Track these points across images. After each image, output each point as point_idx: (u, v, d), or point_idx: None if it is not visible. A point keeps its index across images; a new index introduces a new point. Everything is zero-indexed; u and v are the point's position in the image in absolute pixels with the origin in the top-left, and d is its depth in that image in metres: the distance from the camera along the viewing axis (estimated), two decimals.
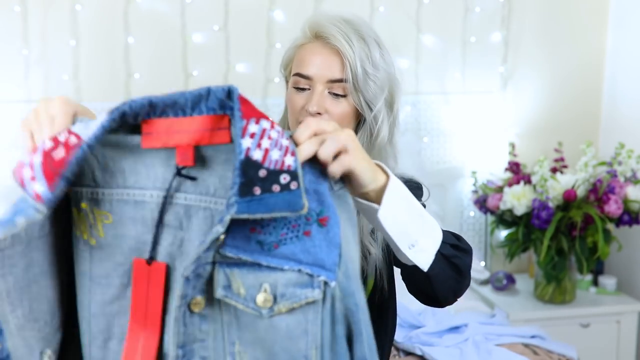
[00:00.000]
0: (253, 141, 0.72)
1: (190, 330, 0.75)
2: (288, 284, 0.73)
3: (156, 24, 2.56)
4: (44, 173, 0.74)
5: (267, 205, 0.71)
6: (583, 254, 2.49)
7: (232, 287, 0.74)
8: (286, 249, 0.73)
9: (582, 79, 2.95)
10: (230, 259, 0.74)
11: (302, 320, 0.74)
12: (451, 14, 2.78)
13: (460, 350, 1.99)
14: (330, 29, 1.16)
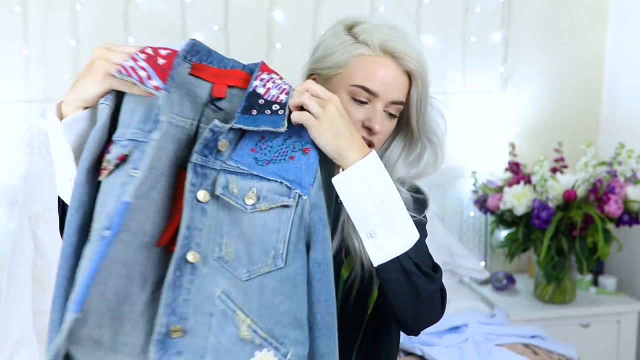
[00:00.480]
0: (260, 83, 1.01)
1: (195, 216, 0.95)
2: (270, 191, 0.97)
3: (156, 24, 2.56)
4: (156, 73, 0.96)
5: (257, 121, 0.98)
6: (583, 254, 2.49)
7: (229, 187, 0.97)
8: (274, 167, 0.98)
9: (582, 79, 2.95)
10: (231, 168, 0.97)
11: (276, 219, 0.97)
12: (451, 14, 2.78)
13: (460, 350, 1.99)
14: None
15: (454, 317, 2.21)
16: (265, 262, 0.96)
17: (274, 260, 0.96)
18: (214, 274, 0.96)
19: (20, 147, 2.46)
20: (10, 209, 2.43)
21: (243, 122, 0.97)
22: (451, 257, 2.67)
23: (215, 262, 0.96)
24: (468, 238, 2.93)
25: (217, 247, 0.96)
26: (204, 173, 0.96)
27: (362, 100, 1.15)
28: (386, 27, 1.17)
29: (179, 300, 0.94)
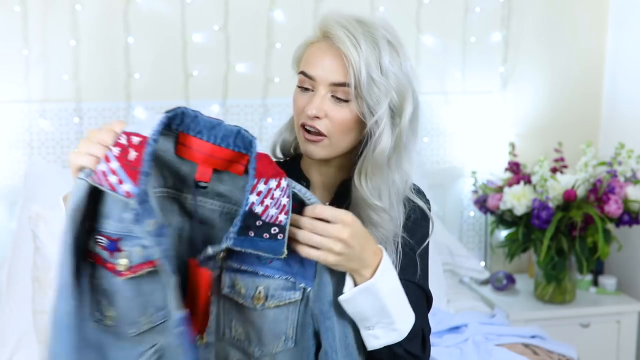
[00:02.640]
0: (258, 198, 0.93)
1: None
2: (277, 288, 0.99)
3: (156, 24, 2.56)
4: (127, 174, 0.89)
5: (255, 245, 0.95)
6: (583, 254, 2.49)
7: (235, 288, 0.98)
8: (277, 264, 0.99)
9: (582, 79, 2.95)
10: (234, 268, 0.98)
11: (285, 312, 1.01)
12: (451, 14, 2.78)
13: (460, 350, 1.99)
14: (337, 29, 1.11)
15: (454, 317, 2.21)
16: (276, 344, 1.01)
17: (284, 343, 1.02)
18: (228, 348, 1.00)
19: (20, 147, 2.46)
20: (10, 209, 2.43)
21: (239, 244, 0.94)
22: (451, 257, 2.67)
23: (228, 340, 1.00)
24: (468, 238, 2.93)
25: (227, 329, 1.00)
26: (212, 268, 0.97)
27: (307, 87, 1.16)
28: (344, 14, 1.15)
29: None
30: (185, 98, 2.61)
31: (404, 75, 1.13)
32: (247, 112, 2.68)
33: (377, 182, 1.14)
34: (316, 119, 1.13)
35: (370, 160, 1.13)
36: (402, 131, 1.13)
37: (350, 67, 1.09)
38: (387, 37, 1.13)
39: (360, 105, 1.11)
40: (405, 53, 1.16)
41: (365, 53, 1.09)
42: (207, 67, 2.62)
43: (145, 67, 2.57)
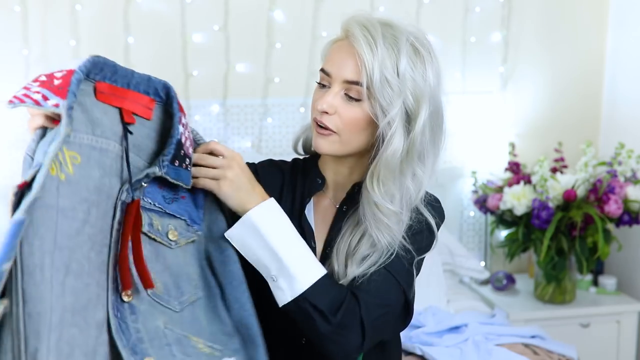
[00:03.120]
0: (183, 129, 1.03)
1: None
2: (181, 227, 1.05)
3: (156, 24, 2.56)
4: (53, 93, 0.89)
5: (178, 175, 1.02)
6: (583, 254, 2.49)
7: (154, 225, 1.01)
8: (176, 205, 1.05)
9: (582, 79, 2.95)
10: (148, 205, 1.01)
11: (190, 252, 1.06)
12: (451, 14, 2.79)
13: (460, 350, 1.99)
14: (355, 29, 1.11)
15: (454, 317, 2.21)
16: (191, 292, 1.04)
17: (195, 290, 1.05)
18: (151, 310, 0.98)
19: (20, 147, 2.45)
20: None
21: (170, 173, 1.01)
22: (451, 257, 2.67)
23: (149, 298, 0.98)
24: (468, 238, 2.93)
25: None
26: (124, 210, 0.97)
27: (323, 83, 1.16)
28: (370, 16, 1.16)
29: (133, 340, 0.92)
30: (185, 98, 2.61)
31: (423, 82, 1.12)
32: (247, 112, 2.68)
33: (390, 187, 1.13)
34: (326, 115, 1.13)
35: (382, 163, 1.12)
36: (416, 137, 1.12)
37: (363, 66, 1.09)
38: (414, 42, 1.12)
39: (373, 105, 1.11)
40: (433, 63, 1.15)
41: (381, 54, 1.09)
42: (207, 67, 2.62)
43: (145, 67, 2.54)
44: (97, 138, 0.94)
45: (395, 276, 1.15)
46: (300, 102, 2.68)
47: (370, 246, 1.15)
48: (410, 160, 1.13)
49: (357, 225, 1.17)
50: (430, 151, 1.16)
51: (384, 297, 1.13)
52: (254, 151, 2.67)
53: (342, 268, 1.16)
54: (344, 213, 1.22)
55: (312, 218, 1.25)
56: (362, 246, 1.15)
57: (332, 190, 1.25)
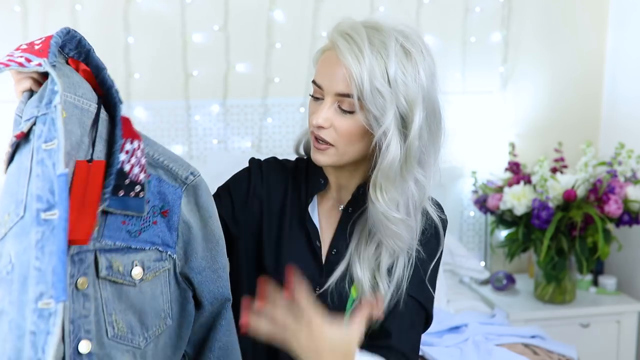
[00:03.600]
0: (127, 156, 0.99)
1: (77, 307, 0.92)
2: (150, 259, 1.01)
3: (156, 24, 2.56)
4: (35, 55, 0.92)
5: (125, 205, 0.98)
6: (583, 254, 2.49)
7: (113, 267, 0.97)
8: (145, 235, 1.01)
9: (582, 79, 2.95)
10: (108, 247, 0.97)
11: (159, 284, 1.03)
12: (451, 14, 2.79)
13: (460, 350, 1.99)
14: (340, 41, 1.09)
15: (454, 317, 2.21)
16: (159, 325, 1.03)
17: (164, 321, 1.04)
18: (113, 353, 0.96)
19: None
20: None
21: (113, 205, 0.97)
22: (451, 257, 2.67)
23: (111, 341, 0.97)
24: (468, 238, 2.93)
25: (109, 326, 0.97)
26: (80, 259, 0.94)
27: (317, 96, 1.14)
28: (359, 22, 1.13)
29: None
30: (185, 98, 2.61)
31: (416, 85, 1.10)
32: (247, 112, 2.68)
33: (393, 194, 1.12)
34: (322, 129, 1.12)
35: (382, 172, 1.11)
36: (413, 141, 1.10)
37: (351, 79, 1.08)
38: (404, 43, 1.10)
39: (367, 116, 1.10)
40: (426, 61, 1.13)
41: (369, 63, 1.07)
42: (207, 67, 2.62)
43: (145, 67, 2.57)
44: (79, 98, 0.95)
45: (418, 299, 1.18)
46: (300, 102, 2.68)
47: (390, 256, 1.16)
48: (410, 166, 1.13)
49: (370, 234, 1.18)
50: (431, 151, 1.16)
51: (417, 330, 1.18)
52: (254, 151, 2.67)
53: (368, 282, 1.17)
54: (350, 215, 1.22)
55: (316, 218, 1.25)
56: (383, 258, 1.16)
57: (335, 192, 1.25)
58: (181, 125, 2.61)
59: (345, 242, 1.21)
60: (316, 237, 1.22)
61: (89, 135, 0.95)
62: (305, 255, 1.22)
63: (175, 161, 1.06)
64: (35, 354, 0.76)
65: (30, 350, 0.77)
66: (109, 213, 0.97)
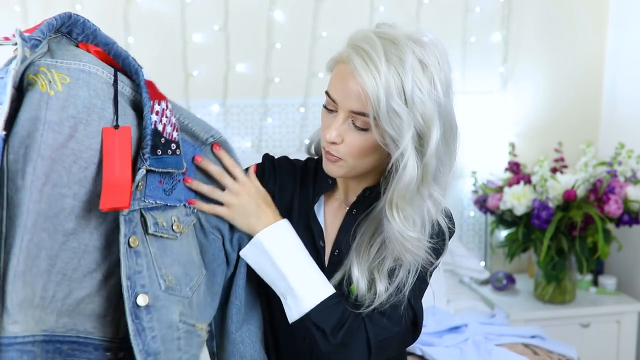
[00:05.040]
0: (157, 117, 1.02)
1: (131, 264, 0.97)
2: (182, 215, 1.08)
3: (156, 24, 2.56)
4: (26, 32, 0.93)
5: (163, 163, 1.03)
6: (583, 254, 2.49)
7: (159, 224, 1.03)
8: (175, 193, 1.08)
9: (582, 79, 2.96)
10: (150, 205, 1.03)
11: (192, 237, 1.11)
12: (451, 14, 2.79)
13: (460, 350, 1.99)
14: (356, 58, 1.05)
15: (454, 317, 2.21)
16: (198, 274, 1.11)
17: (200, 270, 1.12)
18: (168, 305, 1.03)
19: None
20: None
21: (154, 164, 1.02)
22: (451, 257, 2.67)
23: (165, 294, 1.02)
24: (468, 238, 2.93)
25: (161, 280, 1.02)
26: (130, 218, 0.98)
27: (330, 108, 1.12)
28: (375, 33, 1.08)
29: (147, 341, 0.98)
30: (185, 98, 2.61)
31: (432, 102, 1.06)
32: (247, 112, 2.68)
33: (409, 212, 1.11)
34: (334, 145, 1.11)
35: (398, 192, 1.09)
36: (430, 159, 1.08)
37: (367, 99, 1.04)
38: (421, 57, 1.06)
39: (382, 135, 1.07)
40: (442, 69, 1.08)
41: (385, 82, 1.03)
42: (207, 67, 2.62)
43: (145, 67, 2.54)
44: (85, 64, 0.96)
45: (410, 303, 1.17)
46: (300, 102, 2.68)
47: (394, 260, 1.15)
48: (427, 183, 1.10)
49: (374, 235, 1.17)
50: (447, 165, 1.13)
51: (393, 320, 1.15)
52: (254, 151, 2.67)
53: (365, 280, 1.15)
54: (354, 217, 1.22)
55: (322, 218, 1.25)
56: (387, 260, 1.15)
57: (342, 193, 1.25)
58: None
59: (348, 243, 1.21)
60: (320, 237, 1.23)
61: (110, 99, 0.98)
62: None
63: (199, 124, 1.12)
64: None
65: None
66: (149, 173, 1.02)
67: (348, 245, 1.20)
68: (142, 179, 1.00)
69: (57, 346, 0.95)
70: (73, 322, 0.96)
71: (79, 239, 0.94)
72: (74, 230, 0.94)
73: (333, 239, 1.24)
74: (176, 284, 1.05)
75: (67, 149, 0.92)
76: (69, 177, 0.92)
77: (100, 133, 0.95)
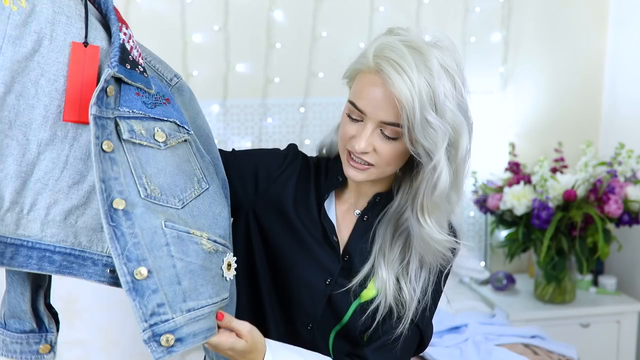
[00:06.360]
0: (126, 37, 1.02)
1: (105, 168, 0.96)
2: (170, 129, 1.05)
3: (156, 24, 2.56)
4: None
5: (133, 77, 1.02)
6: (583, 254, 2.49)
7: (135, 130, 1.00)
8: (160, 110, 1.05)
9: (582, 79, 2.96)
10: (126, 114, 1.00)
11: (185, 151, 1.08)
12: (451, 14, 2.79)
13: (460, 350, 1.99)
14: (388, 68, 1.05)
15: (454, 317, 2.21)
16: (193, 188, 1.07)
17: (199, 184, 1.08)
18: (149, 212, 0.98)
19: None
20: None
21: (123, 73, 1.00)
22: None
23: (145, 201, 0.99)
24: (468, 238, 2.93)
25: (141, 187, 0.99)
26: (102, 124, 0.97)
27: (355, 117, 1.12)
28: (400, 41, 1.07)
29: (128, 246, 0.94)
30: None
31: (460, 110, 1.11)
32: (247, 112, 2.68)
33: (438, 216, 1.15)
34: (364, 155, 1.12)
35: (433, 199, 1.12)
36: (460, 165, 1.13)
37: (402, 109, 1.05)
38: (443, 63, 1.08)
39: (415, 145, 1.09)
40: (459, 72, 1.12)
41: (418, 92, 1.04)
42: (207, 67, 2.62)
43: None
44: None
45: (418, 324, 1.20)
46: (300, 102, 2.68)
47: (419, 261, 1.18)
48: (457, 189, 1.15)
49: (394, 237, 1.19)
50: (466, 164, 1.20)
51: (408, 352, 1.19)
52: None
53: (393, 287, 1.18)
54: (366, 223, 1.23)
55: (332, 215, 1.25)
56: (412, 264, 1.18)
57: (353, 197, 1.25)
58: None
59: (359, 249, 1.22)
60: (333, 232, 1.23)
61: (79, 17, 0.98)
62: (322, 248, 1.23)
63: (161, 62, 1.13)
64: None
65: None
66: (122, 83, 1.00)
67: (361, 252, 1.21)
68: (112, 84, 0.98)
69: (46, 255, 0.97)
70: (65, 233, 0.98)
71: (57, 149, 0.97)
72: (49, 140, 0.96)
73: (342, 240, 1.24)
74: (161, 193, 1.01)
75: (32, 62, 0.95)
76: (36, 89, 0.95)
77: (67, 47, 0.97)
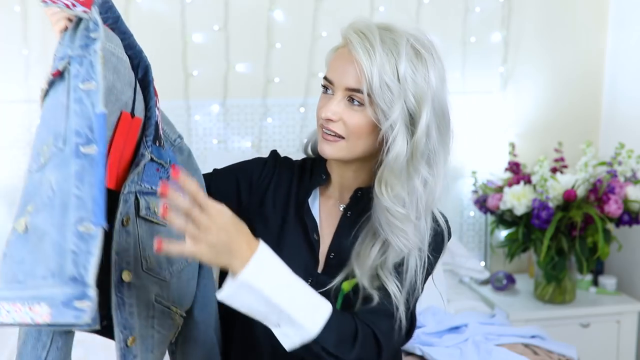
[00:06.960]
0: (159, 113, 1.10)
1: (121, 241, 1.02)
2: None
3: (156, 24, 2.56)
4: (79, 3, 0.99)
5: (160, 154, 1.10)
6: (583, 254, 2.49)
7: (150, 208, 1.07)
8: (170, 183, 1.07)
9: (582, 79, 2.95)
10: (146, 190, 1.07)
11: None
12: (451, 14, 2.79)
13: (460, 350, 1.99)
14: (353, 37, 1.13)
15: (454, 317, 2.20)
16: (182, 262, 1.14)
17: (186, 259, 1.15)
18: (146, 284, 1.08)
19: (20, 147, 2.45)
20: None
21: (155, 153, 1.08)
22: (451, 257, 2.67)
23: (144, 273, 1.07)
24: (468, 238, 2.93)
25: (143, 260, 1.07)
26: (125, 199, 1.03)
27: (327, 91, 1.18)
28: (369, 21, 1.16)
29: (126, 315, 1.03)
30: (185, 98, 2.61)
31: (425, 84, 1.12)
32: (247, 112, 2.68)
33: (398, 191, 1.14)
34: (331, 122, 1.15)
35: (387, 167, 1.13)
36: (420, 138, 1.12)
37: (362, 74, 1.11)
38: (414, 45, 1.13)
39: (376, 111, 1.12)
40: (436, 64, 1.15)
41: (379, 59, 1.10)
42: (207, 67, 2.62)
43: None
44: (115, 47, 1.01)
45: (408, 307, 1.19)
46: (300, 102, 2.68)
47: (397, 254, 1.16)
48: (417, 163, 1.13)
49: (375, 235, 1.18)
50: (440, 153, 1.17)
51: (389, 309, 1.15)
52: (254, 151, 2.67)
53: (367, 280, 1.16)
54: (349, 219, 1.23)
55: (316, 213, 1.26)
56: (390, 256, 1.16)
57: (337, 191, 1.27)
58: (181, 125, 2.61)
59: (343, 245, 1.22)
60: (314, 230, 1.24)
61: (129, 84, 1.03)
62: (301, 247, 1.24)
63: (168, 124, 1.18)
64: (77, 270, 0.84)
65: (72, 267, 0.85)
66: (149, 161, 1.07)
67: (346, 248, 1.20)
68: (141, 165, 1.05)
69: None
70: None
71: None
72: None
73: (327, 237, 1.25)
74: (156, 266, 1.09)
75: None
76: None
77: (113, 112, 0.99)
